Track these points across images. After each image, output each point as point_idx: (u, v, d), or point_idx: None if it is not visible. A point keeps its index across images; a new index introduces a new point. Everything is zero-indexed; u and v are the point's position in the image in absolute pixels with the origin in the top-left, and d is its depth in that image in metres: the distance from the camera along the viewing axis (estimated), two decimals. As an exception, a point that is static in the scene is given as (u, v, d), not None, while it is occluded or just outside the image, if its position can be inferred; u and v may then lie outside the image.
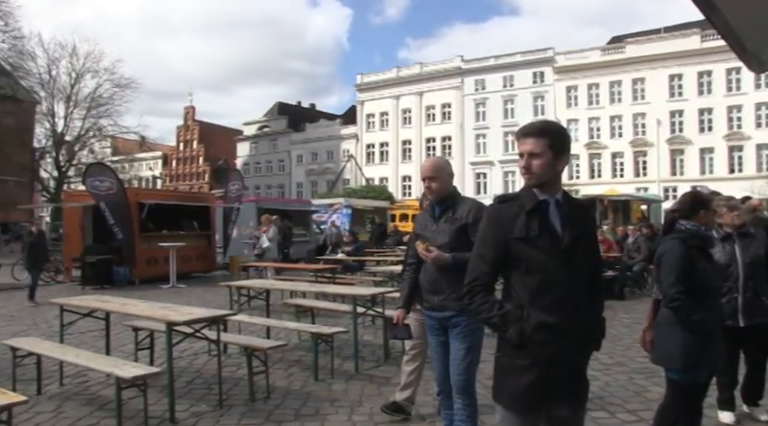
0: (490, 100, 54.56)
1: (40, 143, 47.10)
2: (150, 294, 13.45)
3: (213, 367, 6.27)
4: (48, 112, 45.18)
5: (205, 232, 19.60)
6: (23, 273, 18.77)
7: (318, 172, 65.74)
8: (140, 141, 53.78)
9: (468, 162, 55.26)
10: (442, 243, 3.78)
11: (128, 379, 4.53)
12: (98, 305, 6.35)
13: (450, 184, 3.97)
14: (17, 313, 11.60)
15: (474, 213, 3.73)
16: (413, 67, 60.76)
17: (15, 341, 6.19)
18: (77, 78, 44.86)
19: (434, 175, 3.90)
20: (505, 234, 2.44)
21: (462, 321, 3.67)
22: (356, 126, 63.24)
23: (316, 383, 6.14)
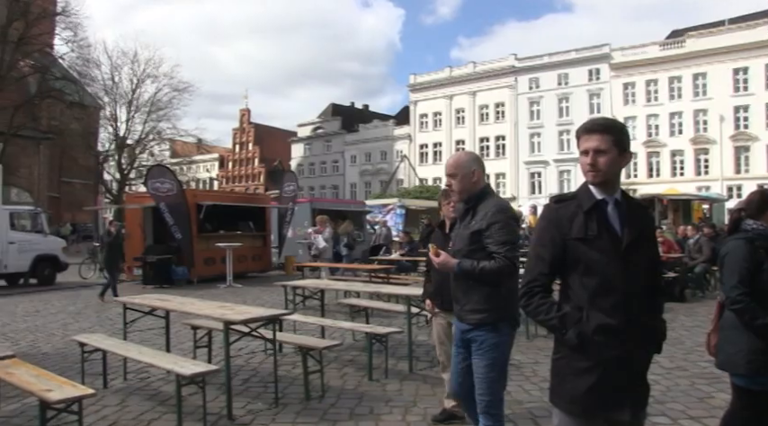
0: (545, 98, 53.73)
1: (104, 147, 48.83)
2: (208, 293, 13.76)
3: (269, 365, 6.35)
4: (111, 117, 46.80)
5: (261, 232, 19.91)
6: (89, 272, 19.54)
7: (372, 172, 66.00)
8: (198, 143, 55.14)
9: (523, 161, 54.59)
10: (456, 248, 3.56)
11: (187, 376, 4.64)
12: (159, 303, 6.53)
13: (473, 183, 3.59)
14: (84, 310, 12.05)
15: (489, 217, 3.42)
16: (466, 67, 60.38)
17: (83, 337, 6.43)
18: (138, 83, 46.32)
19: (454, 172, 3.61)
20: (563, 234, 2.39)
21: (481, 336, 3.40)
22: (409, 126, 63.22)
23: (370, 383, 6.16)
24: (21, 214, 18.04)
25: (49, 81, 40.06)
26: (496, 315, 3.39)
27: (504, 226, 3.37)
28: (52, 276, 17.80)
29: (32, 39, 37.62)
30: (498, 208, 3.44)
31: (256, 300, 12.56)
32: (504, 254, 3.30)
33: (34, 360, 5.96)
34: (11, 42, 35.96)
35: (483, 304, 3.39)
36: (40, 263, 17.39)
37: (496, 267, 3.29)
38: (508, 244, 3.33)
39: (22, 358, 5.29)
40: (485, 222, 3.40)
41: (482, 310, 3.39)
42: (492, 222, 3.38)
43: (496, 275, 3.31)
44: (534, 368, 6.70)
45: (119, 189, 45.58)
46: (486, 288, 3.38)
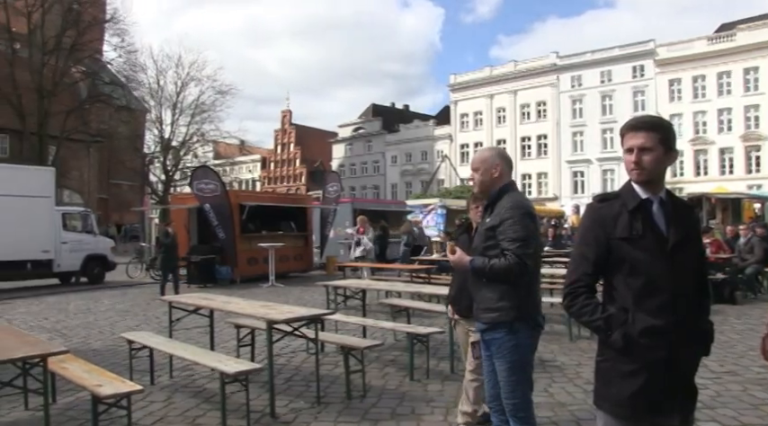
0: (587, 96, 52.86)
1: (150, 149, 50.00)
2: (250, 293, 13.95)
3: (311, 364, 6.41)
4: (156, 120, 47.94)
5: (303, 232, 20.10)
6: (136, 271, 20.02)
7: (413, 172, 65.96)
8: (240, 145, 55.94)
9: (565, 160, 53.83)
10: (475, 245, 3.51)
11: (231, 374, 4.71)
12: (203, 302, 6.66)
13: (493, 178, 3.49)
14: (131, 308, 12.35)
15: (503, 212, 3.30)
16: (506, 65, 59.86)
17: (131, 335, 6.60)
18: (182, 86, 47.30)
19: (477, 166, 3.55)
20: (607, 233, 2.34)
21: (498, 338, 3.32)
22: (450, 126, 62.98)
23: (411, 383, 6.16)
24: (72, 215, 18.62)
25: (99, 86, 41.28)
26: (512, 315, 3.28)
27: (516, 222, 3.25)
28: (101, 275, 18.32)
29: (83, 47, 38.85)
30: (512, 204, 3.32)
31: (298, 300, 12.69)
32: (515, 252, 3.19)
33: (85, 356, 6.13)
34: (64, 50, 37.21)
35: (497, 302, 3.30)
36: (90, 263, 17.92)
37: (506, 265, 3.20)
38: (519, 241, 3.21)
39: (74, 353, 5.45)
40: (498, 218, 3.31)
41: (495, 309, 3.30)
42: (505, 218, 3.27)
43: (506, 273, 3.22)
44: (577, 369, 6.61)
45: (164, 190, 46.60)
46: (500, 286, 3.29)
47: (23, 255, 15.95)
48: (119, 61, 41.35)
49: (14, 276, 15.82)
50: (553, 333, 8.73)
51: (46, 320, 10.94)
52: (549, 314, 10.44)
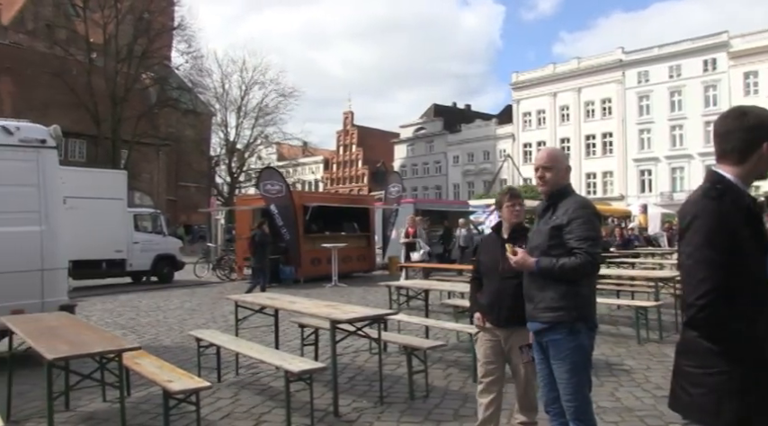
0: (655, 92, 51.20)
1: (215, 151, 51.45)
2: (314, 292, 14.12)
3: (374, 364, 6.44)
4: (221, 123, 49.24)
5: (365, 233, 20.21)
6: (203, 271, 20.57)
7: (475, 172, 65.46)
8: (303, 147, 56.77)
9: (632, 158, 52.32)
10: (535, 244, 3.43)
11: (295, 373, 4.78)
12: (268, 302, 6.78)
13: (565, 179, 3.48)
14: (198, 307, 12.70)
15: (571, 212, 3.28)
16: (570, 63, 58.65)
17: (199, 333, 6.79)
18: (247, 90, 48.43)
19: (550, 165, 3.44)
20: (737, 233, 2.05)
21: (558, 340, 3.26)
22: (512, 125, 62.22)
23: (475, 384, 6.09)
24: (143, 216, 19.31)
25: (167, 91, 42.85)
26: (574, 315, 3.24)
27: (586, 221, 3.25)
28: (170, 274, 18.92)
29: (153, 54, 40.47)
30: (580, 204, 3.33)
31: (361, 300, 12.76)
32: (587, 250, 3.18)
33: (156, 352, 6.34)
34: (135, 57, 38.88)
35: (558, 301, 3.25)
36: (159, 262, 18.53)
37: (578, 263, 3.17)
38: (590, 240, 3.21)
39: (146, 350, 5.65)
40: (566, 217, 3.27)
41: (557, 308, 3.25)
42: (574, 217, 3.25)
43: (578, 272, 3.20)
44: (646, 374, 6.41)
45: (229, 191, 47.76)
46: (563, 285, 3.25)
47: (99, 255, 16.63)
48: (186, 67, 43.01)
49: (91, 275, 16.51)
50: (620, 336, 8.50)
51: (120, 317, 11.38)
52: (616, 315, 10.21)
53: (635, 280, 10.62)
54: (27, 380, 5.92)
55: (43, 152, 7.26)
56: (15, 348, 5.62)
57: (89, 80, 36.14)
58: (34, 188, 7.14)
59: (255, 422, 5.07)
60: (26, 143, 7.13)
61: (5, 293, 6.71)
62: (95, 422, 5.14)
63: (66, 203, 8.16)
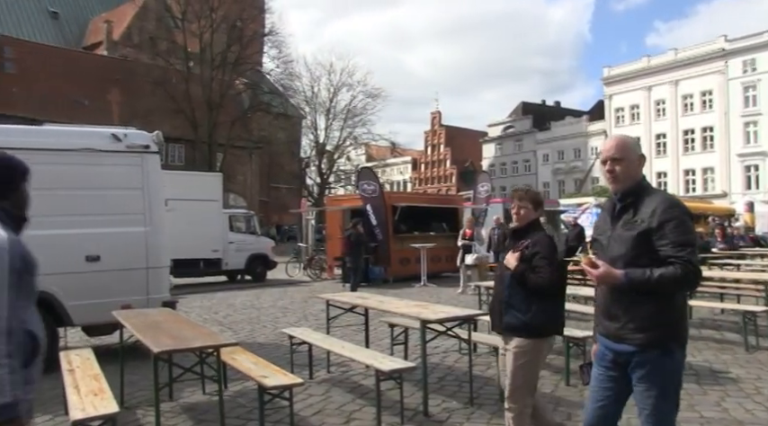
0: (762, 82, 47.99)
1: (306, 153, 52.64)
2: (403, 292, 14.20)
3: (464, 364, 6.41)
4: (311, 125, 50.40)
5: (454, 233, 20.12)
6: (295, 270, 21.11)
7: (565, 171, 63.85)
8: (391, 147, 57.19)
9: (736, 154, 49.35)
10: (616, 254, 2.87)
11: (386, 372, 4.83)
12: (359, 301, 6.89)
13: (639, 172, 2.97)
14: (290, 305, 13.05)
15: (660, 213, 2.76)
16: (666, 54, 56.00)
17: (292, 331, 6.98)
18: (335, 92, 49.30)
19: (621, 156, 2.93)
20: None
21: (649, 360, 2.78)
22: (604, 121, 60.15)
23: (567, 388, 5.97)
24: (237, 217, 20.06)
25: (259, 95, 44.39)
26: (668, 334, 2.79)
27: (680, 223, 2.75)
28: (263, 273, 19.53)
29: (245, 60, 42.09)
30: (670, 203, 2.81)
31: (450, 300, 12.73)
32: (687, 259, 2.68)
33: (251, 349, 6.57)
34: (229, 64, 40.54)
35: (652, 319, 2.78)
36: (253, 261, 19.17)
37: (679, 274, 2.66)
38: (689, 246, 2.73)
39: (241, 346, 5.86)
40: (655, 220, 2.76)
41: (651, 327, 2.78)
42: (665, 219, 2.74)
43: (680, 284, 2.74)
44: (757, 384, 6.03)
45: (319, 192, 48.76)
46: (657, 300, 2.77)
47: (197, 254, 17.40)
48: (276, 71, 44.40)
49: (189, 273, 17.30)
50: (725, 342, 8.06)
51: (216, 314, 11.85)
52: (720, 320, 9.70)
53: (740, 283, 10.05)
54: (136, 370, 6.29)
55: (147, 157, 7.68)
56: (125, 340, 5.99)
57: (187, 87, 37.98)
58: (139, 191, 7.56)
59: (346, 420, 5.16)
60: (132, 149, 7.57)
61: (115, 289, 7.16)
62: (196, 413, 5.38)
63: (167, 205, 8.59)
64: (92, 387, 4.39)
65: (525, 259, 3.80)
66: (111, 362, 5.74)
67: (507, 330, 3.92)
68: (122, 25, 50.87)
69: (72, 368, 4.96)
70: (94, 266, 7.20)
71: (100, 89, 40.46)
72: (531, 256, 3.80)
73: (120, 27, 51.11)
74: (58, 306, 7.02)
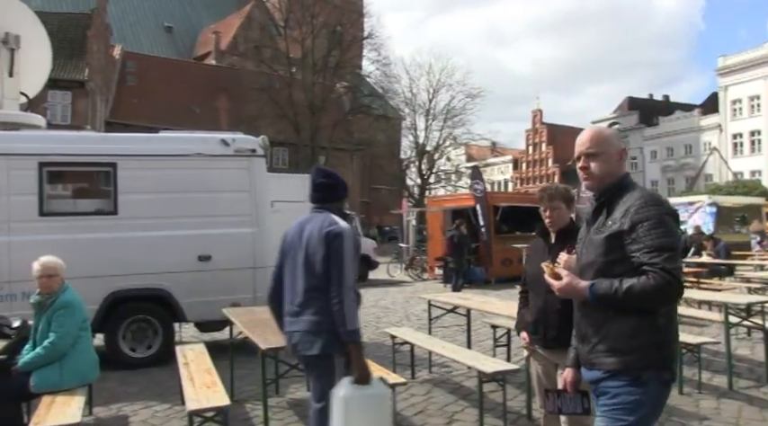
0: None
1: (406, 154, 52.94)
2: (505, 293, 13.98)
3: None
4: (411, 126, 50.58)
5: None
6: (396, 270, 21.28)
7: (675, 168, 60.73)
8: (492, 147, 56.55)
9: None
10: (586, 261, 2.47)
11: (488, 374, 4.77)
12: (460, 302, 6.86)
13: (619, 167, 2.53)
14: (392, 305, 13.17)
15: (634, 212, 2.32)
16: (792, 40, 52.11)
17: (394, 330, 7.04)
18: (434, 93, 49.21)
19: (596, 150, 2.52)
20: None
21: (615, 388, 2.31)
22: (719, 115, 56.71)
23: (680, 396, 5.66)
24: (339, 218, 20.43)
25: (359, 98, 45.26)
26: (645, 359, 2.29)
27: (657, 224, 2.28)
28: (365, 273, 19.78)
29: (346, 64, 43.12)
30: (646, 201, 2.35)
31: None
32: (663, 266, 2.20)
33: (354, 348, 6.68)
34: (330, 68, 41.63)
35: (626, 341, 2.31)
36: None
37: (652, 285, 2.19)
38: (666, 251, 2.23)
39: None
40: (627, 220, 2.33)
41: (624, 351, 2.31)
42: (639, 219, 2.30)
43: (653, 298, 2.23)
44: None
45: (420, 193, 48.90)
46: (632, 317, 2.30)
47: (301, 254, 17.90)
48: (376, 74, 45.16)
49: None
50: None
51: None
52: None
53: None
54: (244, 366, 6.55)
55: (254, 160, 7.98)
56: (234, 337, 6.26)
57: (290, 92, 39.33)
58: (247, 193, 7.87)
59: (448, 420, 5.15)
60: (240, 153, 7.90)
61: (226, 287, 7.50)
62: (302, 409, 5.53)
63: (273, 206, 8.88)
64: (205, 380, 4.60)
65: None
66: (222, 357, 6.00)
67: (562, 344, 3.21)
68: (229, 35, 53.26)
69: (187, 361, 5.23)
70: (206, 265, 7.56)
71: (209, 96, 42.62)
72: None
73: (227, 37, 53.54)
74: (173, 303, 7.45)
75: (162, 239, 7.41)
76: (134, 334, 7.45)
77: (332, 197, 3.59)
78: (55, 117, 30.17)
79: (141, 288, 7.36)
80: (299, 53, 41.51)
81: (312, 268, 3.33)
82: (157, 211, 7.45)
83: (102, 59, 36.72)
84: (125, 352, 7.37)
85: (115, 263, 7.21)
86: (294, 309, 3.41)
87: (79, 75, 32.21)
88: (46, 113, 24.08)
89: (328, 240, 3.30)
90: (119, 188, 7.35)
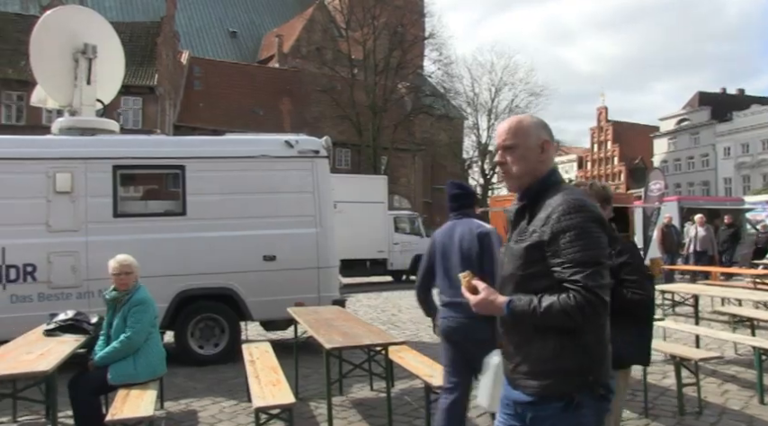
0: None
1: (468, 154, 52.55)
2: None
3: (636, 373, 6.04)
4: (473, 126, 50.17)
5: (624, 233, 19.14)
6: (458, 271, 21.18)
7: (751, 165, 58.12)
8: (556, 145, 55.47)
9: None
10: (506, 273, 2.22)
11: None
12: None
13: (543, 163, 2.23)
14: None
15: (555, 221, 2.05)
16: None
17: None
18: (496, 92, 48.67)
19: (513, 143, 2.23)
20: None
21: (545, 416, 2.07)
22: (800, 108, 54.06)
23: (761, 406, 5.40)
24: (402, 218, 20.53)
25: (421, 98, 45.22)
26: (573, 382, 2.05)
27: (580, 234, 2.01)
28: (429, 274, 19.78)
29: (407, 64, 43.14)
30: (568, 206, 2.05)
31: (620, 304, 12.10)
32: (584, 284, 1.97)
33: (416, 348, 6.65)
34: (391, 69, 41.77)
35: (548, 364, 2.07)
36: (417, 262, 19.44)
37: (571, 306, 1.96)
38: (589, 266, 1.99)
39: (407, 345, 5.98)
40: (547, 229, 2.06)
41: (546, 373, 2.07)
42: (560, 229, 2.03)
43: (572, 319, 1.98)
44: None
45: (483, 192, 48.49)
46: (554, 338, 2.06)
47: (363, 254, 18.07)
48: (437, 74, 45.09)
49: (357, 273, 18.00)
50: None
51: (382, 313, 12.19)
52: None
53: None
54: (308, 364, 6.65)
55: (317, 161, 8.09)
56: (299, 336, 6.36)
57: (352, 94, 39.64)
58: (310, 194, 7.98)
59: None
60: (303, 154, 8.02)
61: (289, 287, 7.62)
62: (365, 408, 5.58)
63: (336, 207, 8.98)
64: (270, 378, 4.69)
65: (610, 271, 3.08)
66: (286, 356, 6.10)
67: None
68: (292, 38, 54.04)
69: (253, 359, 5.35)
70: (271, 265, 7.71)
71: (273, 99, 43.39)
72: (619, 268, 3.13)
73: (289, 40, 54.34)
74: (239, 302, 7.62)
75: (228, 239, 7.60)
76: (202, 332, 7.68)
77: (468, 203, 4.21)
78: (127, 122, 31.36)
79: (208, 288, 7.57)
80: (360, 54, 41.80)
81: (468, 262, 3.78)
82: (224, 212, 7.65)
83: (171, 65, 37.93)
84: (193, 349, 7.60)
85: (184, 263, 7.44)
86: (451, 300, 3.94)
87: (149, 81, 33.41)
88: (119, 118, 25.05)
89: (480, 239, 3.92)
90: (187, 189, 7.58)
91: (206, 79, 43.31)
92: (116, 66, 9.11)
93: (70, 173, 7.20)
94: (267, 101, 43.47)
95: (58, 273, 7.06)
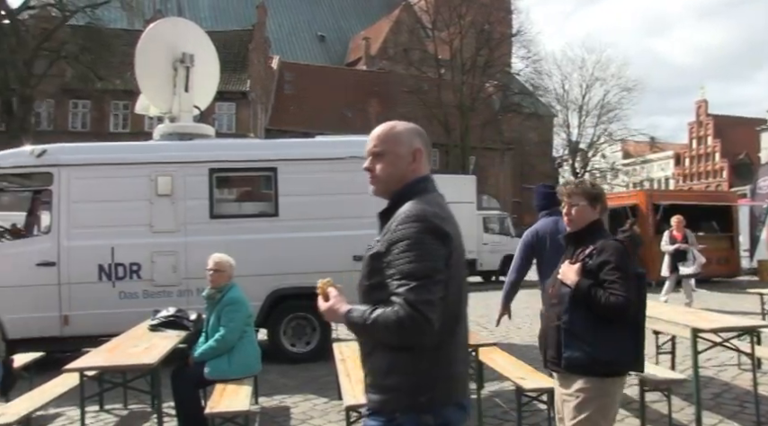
0: None
1: (558, 152, 51.42)
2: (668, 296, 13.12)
3: (744, 382, 5.72)
4: (563, 124, 49.02)
5: (727, 233, 18.18)
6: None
7: None
8: (650, 142, 53.26)
9: None
10: (358, 282, 2.18)
11: (652, 382, 4.51)
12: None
13: (410, 171, 2.15)
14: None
15: (392, 230, 2.00)
16: None
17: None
18: (587, 88, 47.30)
19: (382, 149, 2.17)
20: None
21: None
22: None
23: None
24: (491, 218, 20.31)
25: (509, 97, 44.66)
26: (399, 402, 1.99)
27: (411, 245, 1.94)
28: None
29: (494, 62, 42.68)
30: (407, 215, 2.00)
31: (723, 307, 11.50)
32: (406, 298, 1.88)
33: (506, 349, 6.56)
34: (479, 68, 41.50)
35: (382, 378, 2.03)
36: (507, 262, 19.16)
37: (392, 320, 1.88)
38: (415, 279, 1.90)
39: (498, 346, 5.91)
40: (385, 239, 2.03)
41: (382, 388, 2.03)
42: (393, 239, 1.98)
43: (393, 334, 1.91)
44: None
45: (574, 192, 47.28)
46: (389, 353, 1.99)
47: (458, 255, 18.02)
48: (526, 71, 44.48)
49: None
50: None
51: (472, 313, 12.00)
52: None
53: None
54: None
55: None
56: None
57: (439, 94, 39.61)
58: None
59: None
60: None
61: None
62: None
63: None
64: (360, 377, 4.74)
65: (589, 271, 3.00)
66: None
67: (570, 367, 3.01)
68: (379, 40, 54.61)
69: (343, 357, 5.42)
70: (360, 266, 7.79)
71: (361, 101, 43.99)
72: (598, 267, 3.00)
73: (376, 42, 54.94)
74: (331, 302, 7.74)
75: (319, 240, 7.74)
76: (294, 330, 7.88)
77: (557, 202, 3.98)
78: (221, 126, 32.67)
79: (300, 287, 7.73)
80: (447, 54, 41.68)
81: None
82: (315, 213, 7.80)
83: (262, 71, 39.17)
84: (286, 347, 7.81)
85: (276, 263, 7.65)
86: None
87: (242, 87, 34.63)
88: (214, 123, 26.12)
89: None
90: (279, 191, 7.79)
91: (296, 83, 44.43)
92: (211, 73, 9.50)
93: (170, 176, 7.57)
94: (356, 103, 44.12)
95: (160, 272, 7.44)
